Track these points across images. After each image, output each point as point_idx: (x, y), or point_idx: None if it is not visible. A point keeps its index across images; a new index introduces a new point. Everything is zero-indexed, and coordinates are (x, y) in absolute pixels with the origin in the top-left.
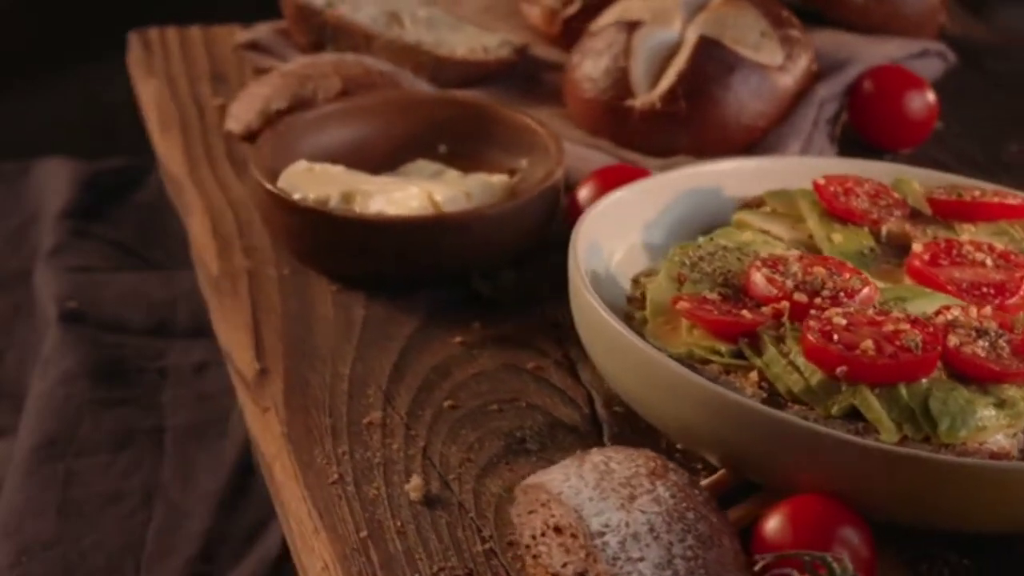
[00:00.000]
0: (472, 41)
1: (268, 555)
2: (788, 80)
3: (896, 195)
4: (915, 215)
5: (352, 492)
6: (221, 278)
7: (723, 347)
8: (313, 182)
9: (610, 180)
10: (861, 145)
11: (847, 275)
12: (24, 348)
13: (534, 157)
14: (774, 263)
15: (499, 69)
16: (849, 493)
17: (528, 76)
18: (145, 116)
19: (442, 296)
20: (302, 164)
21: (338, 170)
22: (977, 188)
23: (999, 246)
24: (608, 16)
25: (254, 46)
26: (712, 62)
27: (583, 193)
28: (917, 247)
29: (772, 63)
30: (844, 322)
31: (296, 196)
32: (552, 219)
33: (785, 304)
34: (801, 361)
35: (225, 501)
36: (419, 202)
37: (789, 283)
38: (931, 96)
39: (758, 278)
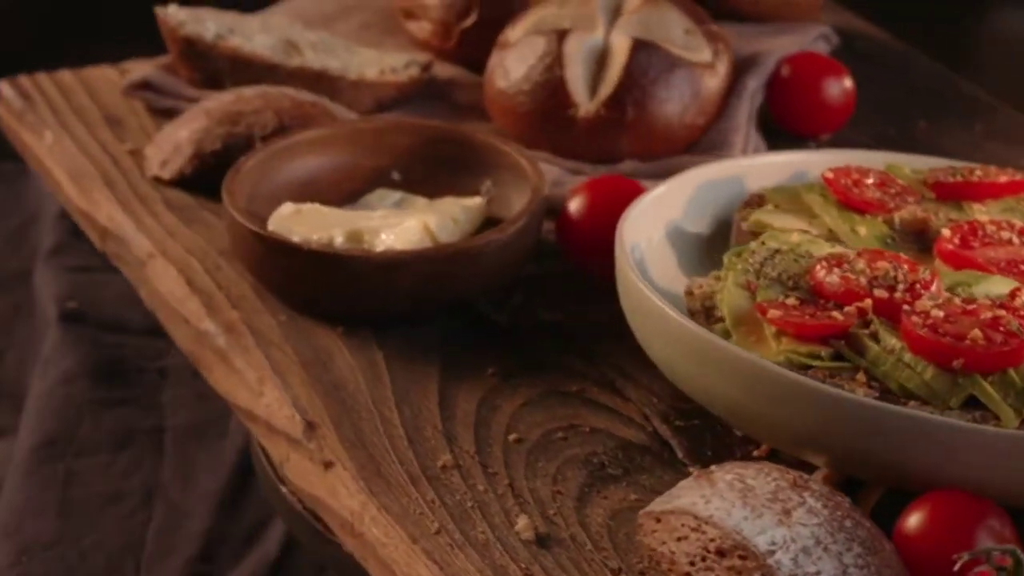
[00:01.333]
0: (375, 63)
1: (268, 555)
2: (719, 76)
3: (901, 182)
4: (921, 200)
5: (460, 539)
6: (217, 335)
7: (823, 351)
8: (307, 224)
9: (602, 191)
10: (779, 133)
11: (905, 266)
12: (24, 348)
13: (499, 175)
14: (838, 262)
15: (412, 89)
16: (981, 483)
17: (437, 94)
18: (44, 173)
19: (452, 327)
20: (288, 207)
21: (327, 209)
22: (975, 168)
23: (1017, 222)
24: (523, 26)
25: (146, 86)
26: (650, 64)
27: (574, 205)
28: (945, 232)
29: (703, 60)
30: (942, 314)
31: (295, 240)
32: (539, 235)
33: (868, 302)
34: (908, 356)
35: (225, 501)
36: (419, 235)
37: (863, 280)
38: (848, 81)
39: (832, 279)
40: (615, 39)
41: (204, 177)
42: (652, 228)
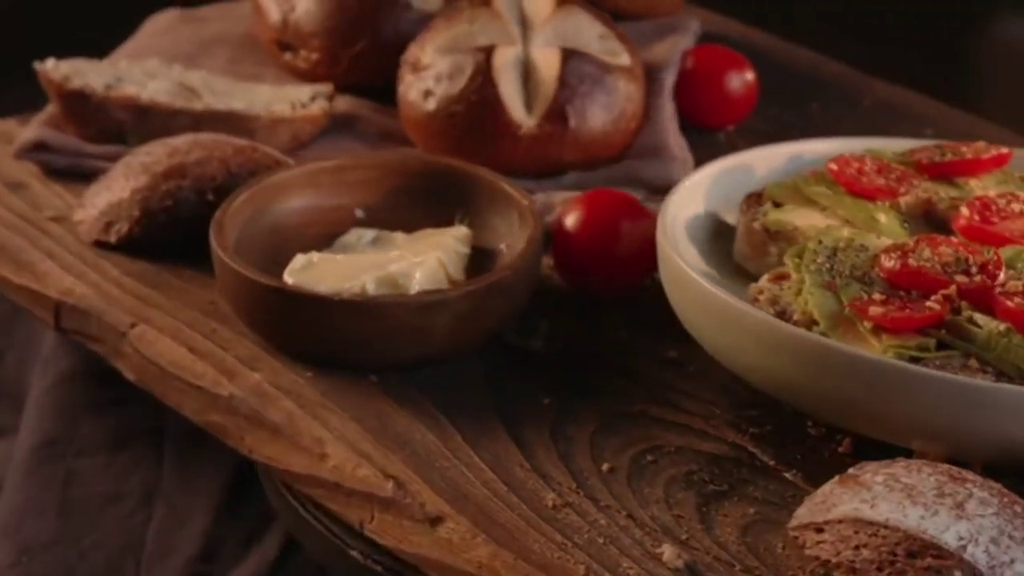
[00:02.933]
0: (279, 98)
1: (268, 555)
2: (639, 78)
3: (898, 166)
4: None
5: None
6: (245, 398)
7: (930, 343)
8: (327, 274)
9: (596, 205)
10: (685, 126)
11: (959, 248)
12: (24, 348)
13: (474, 202)
14: (902, 252)
15: (326, 122)
16: None
17: (345, 124)
18: None
19: (489, 361)
20: (300, 259)
21: (340, 257)
22: (961, 145)
23: (1020, 193)
24: (433, 45)
25: (40, 147)
26: (583, 73)
27: (570, 219)
28: (963, 210)
29: (626, 64)
30: None
31: (324, 291)
32: None
33: (953, 288)
34: (1017, 338)
35: (225, 501)
36: (441, 272)
37: (937, 267)
38: (750, 73)
39: (910, 266)
40: (537, 51)
41: (151, 237)
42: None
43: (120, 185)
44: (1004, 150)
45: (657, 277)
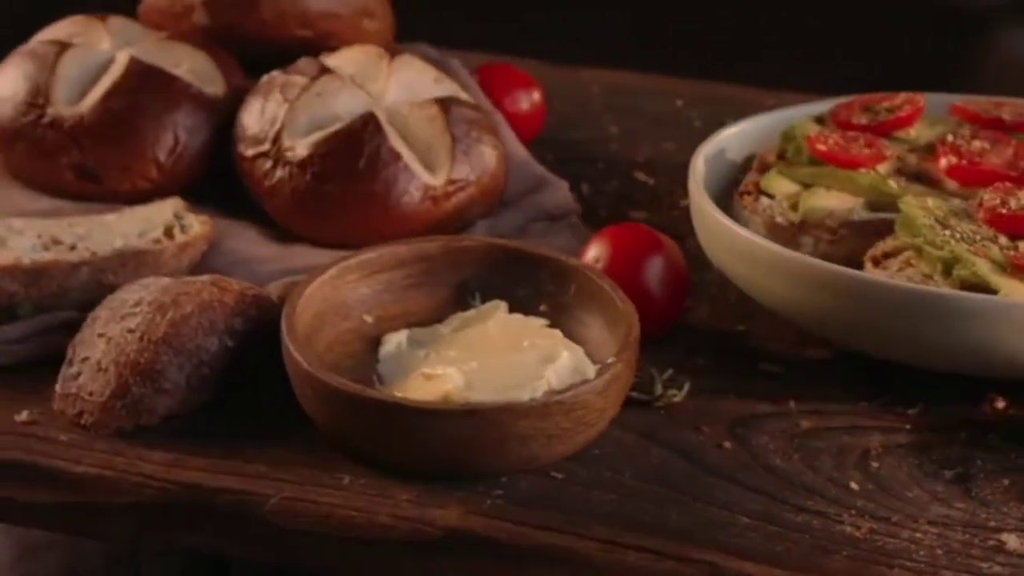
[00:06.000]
0: (147, 224)
1: None
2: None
3: (858, 134)
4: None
5: None
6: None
7: None
8: (486, 384)
9: (620, 239)
10: None
11: None
12: None
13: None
14: (1002, 201)
15: (212, 235)
16: None
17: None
18: None
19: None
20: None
21: (422, 353)
22: (883, 100)
23: (964, 132)
24: (289, 125)
25: None
26: (467, 120)
27: (591, 253)
28: (943, 160)
29: (481, 102)
30: None
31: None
32: None
33: None
34: None
35: None
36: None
37: None
38: (537, 93)
39: None
40: (403, 108)
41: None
42: None
43: (90, 361)
44: (918, 97)
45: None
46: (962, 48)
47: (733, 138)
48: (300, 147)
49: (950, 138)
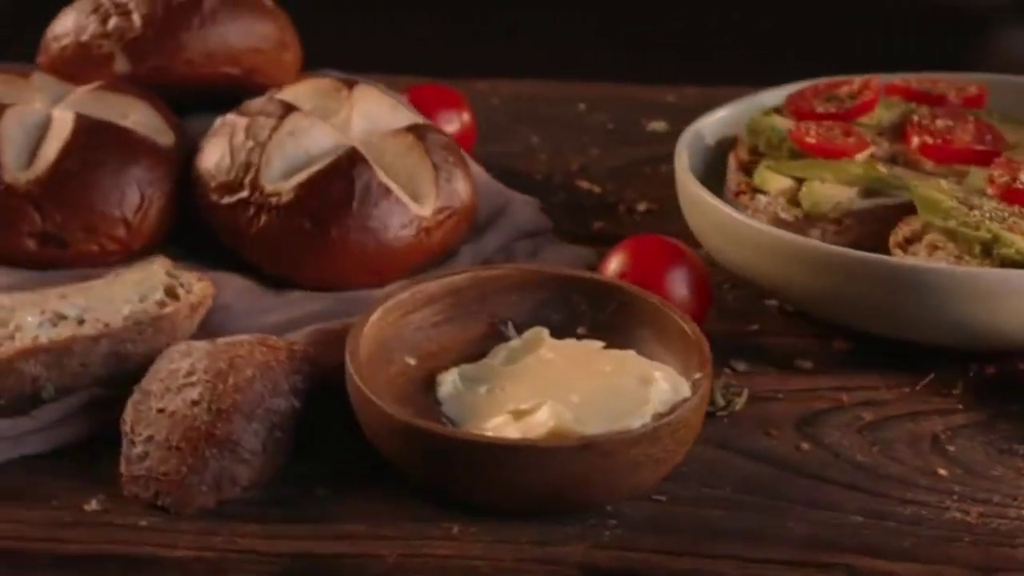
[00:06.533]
0: (143, 287)
1: None
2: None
3: (832, 123)
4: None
5: None
6: None
7: None
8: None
9: (641, 250)
10: None
11: None
12: None
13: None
14: (1013, 175)
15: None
16: None
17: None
18: None
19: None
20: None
21: (483, 390)
22: (840, 85)
23: (923, 110)
24: (268, 167)
25: None
26: (443, 147)
27: (612, 267)
28: (915, 139)
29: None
30: None
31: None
32: None
33: None
34: None
35: None
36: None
37: None
38: (467, 112)
39: None
40: (377, 139)
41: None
42: None
43: (189, 434)
44: (875, 81)
45: None
46: (962, 48)
47: (697, 137)
48: (284, 190)
49: (916, 119)
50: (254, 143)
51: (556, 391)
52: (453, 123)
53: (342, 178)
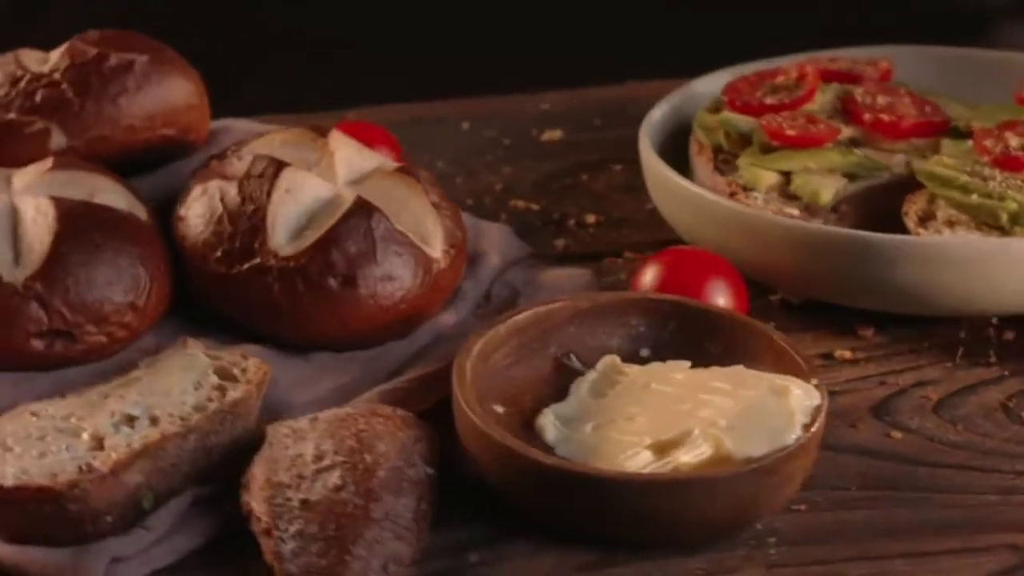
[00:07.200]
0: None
1: None
2: None
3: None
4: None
5: None
6: None
7: None
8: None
9: (676, 263)
10: None
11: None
12: None
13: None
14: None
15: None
16: None
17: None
18: None
19: None
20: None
21: (589, 427)
22: (777, 75)
23: (855, 90)
24: (277, 233)
25: None
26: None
27: (647, 280)
28: (868, 115)
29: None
30: None
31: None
32: None
33: None
34: None
35: None
36: None
37: None
38: (396, 148)
39: None
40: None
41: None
42: None
43: (343, 521)
44: (808, 69)
45: None
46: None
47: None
48: (300, 251)
49: (859, 98)
50: (254, 206)
51: (689, 417)
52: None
53: (359, 230)
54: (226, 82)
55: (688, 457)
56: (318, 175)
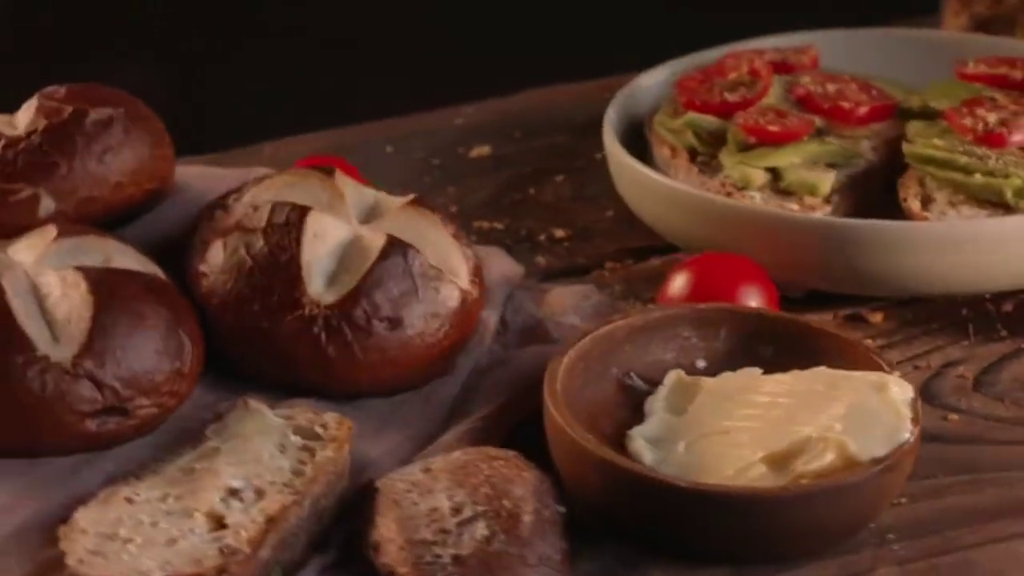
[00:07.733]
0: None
1: None
2: None
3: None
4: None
5: None
6: None
7: None
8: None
9: (707, 269)
10: None
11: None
12: None
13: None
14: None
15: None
16: None
17: None
18: None
19: None
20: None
21: (681, 446)
22: (727, 74)
23: (803, 79)
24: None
25: None
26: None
27: (676, 289)
28: (824, 102)
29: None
30: None
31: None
32: None
33: None
34: None
35: None
36: None
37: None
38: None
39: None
40: (395, 220)
41: None
42: None
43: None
44: (757, 63)
45: None
46: None
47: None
48: (344, 297)
49: (811, 88)
50: (286, 256)
51: (798, 425)
52: None
53: (397, 270)
54: None
55: (810, 466)
56: (334, 216)
